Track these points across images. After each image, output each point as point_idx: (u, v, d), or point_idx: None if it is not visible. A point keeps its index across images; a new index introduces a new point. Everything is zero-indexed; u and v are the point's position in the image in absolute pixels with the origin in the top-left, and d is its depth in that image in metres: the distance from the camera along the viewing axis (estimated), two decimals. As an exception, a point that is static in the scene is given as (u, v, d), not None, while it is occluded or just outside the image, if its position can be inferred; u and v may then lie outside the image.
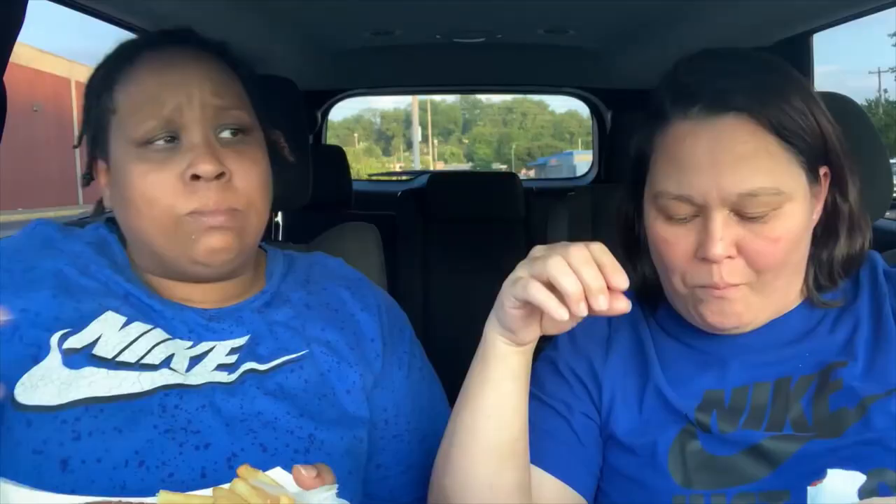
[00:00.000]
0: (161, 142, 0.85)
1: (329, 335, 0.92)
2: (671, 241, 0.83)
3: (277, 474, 0.64)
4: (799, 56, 1.94)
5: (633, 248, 0.93)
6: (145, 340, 0.84)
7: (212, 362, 0.85)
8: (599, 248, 0.71)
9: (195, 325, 0.87)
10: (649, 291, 0.92)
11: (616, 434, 0.87)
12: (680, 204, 0.81)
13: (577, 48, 2.43)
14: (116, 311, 0.85)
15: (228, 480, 0.63)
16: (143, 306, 0.87)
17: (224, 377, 0.84)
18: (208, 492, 0.61)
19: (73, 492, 0.74)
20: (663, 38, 2.03)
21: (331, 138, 3.74)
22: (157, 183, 0.84)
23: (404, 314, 1.04)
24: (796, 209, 0.81)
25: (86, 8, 1.46)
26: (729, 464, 0.81)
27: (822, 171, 0.84)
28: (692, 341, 0.89)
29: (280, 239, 1.45)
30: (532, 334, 0.76)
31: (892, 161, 1.15)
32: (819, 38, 1.92)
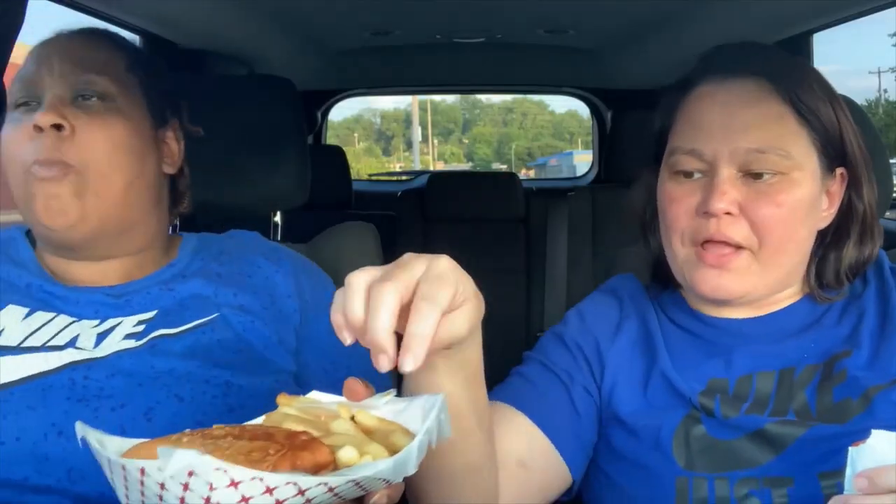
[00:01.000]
0: (23, 100, 0.91)
1: (242, 299, 0.94)
2: (678, 197, 0.85)
3: (318, 395, 0.62)
4: (799, 56, 1.94)
5: (648, 225, 0.95)
6: (50, 327, 0.87)
7: (119, 335, 0.87)
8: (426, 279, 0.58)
9: (100, 305, 0.90)
10: (660, 269, 0.94)
11: (619, 415, 0.87)
12: (690, 158, 0.84)
13: (577, 48, 2.43)
14: (17, 303, 0.88)
15: (148, 434, 0.58)
16: (45, 295, 0.90)
17: (132, 343, 0.86)
18: (260, 419, 0.59)
19: None
20: (663, 38, 2.03)
21: (331, 138, 3.74)
22: (12, 137, 0.89)
23: (326, 275, 1.05)
24: (804, 180, 0.83)
25: (86, 8, 1.46)
26: (732, 448, 0.81)
27: (840, 171, 0.86)
28: (698, 330, 0.90)
29: (279, 239, 1.44)
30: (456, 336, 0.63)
31: (892, 161, 1.15)
32: (819, 38, 1.92)
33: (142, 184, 0.94)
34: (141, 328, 0.88)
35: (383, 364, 0.54)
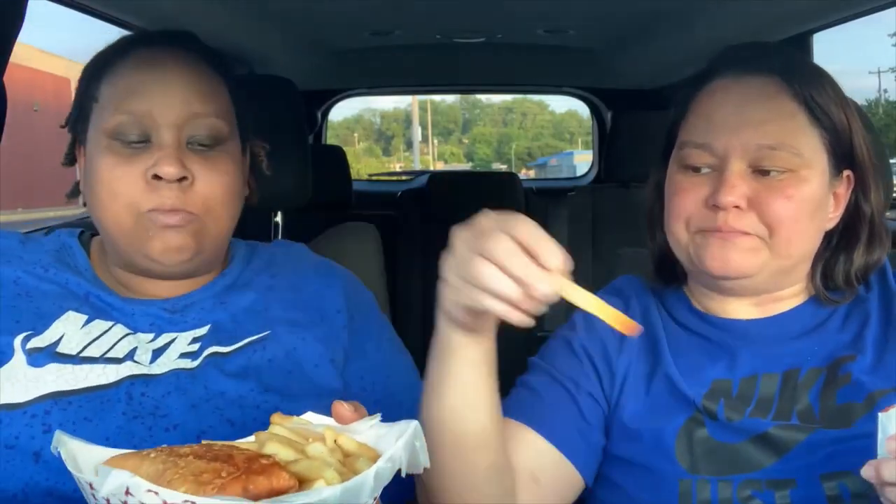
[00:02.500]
0: (133, 137, 0.86)
1: (292, 314, 0.94)
2: (685, 188, 0.85)
3: (311, 417, 0.64)
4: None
5: (655, 224, 0.95)
6: (108, 337, 0.86)
7: (174, 352, 0.87)
8: (525, 230, 0.63)
9: (156, 319, 0.89)
10: (665, 265, 0.94)
11: (623, 418, 0.87)
12: (701, 153, 0.84)
13: (577, 48, 2.43)
14: (77, 310, 0.87)
15: None
16: (104, 305, 0.89)
17: (188, 364, 0.86)
18: (251, 437, 0.61)
19: (47, 481, 0.77)
20: (663, 39, 2.03)
21: (331, 138, 3.73)
22: (122, 178, 0.86)
23: (371, 293, 1.05)
24: (813, 178, 0.83)
25: (86, 8, 1.46)
26: (736, 451, 0.81)
27: (847, 173, 0.86)
28: (702, 330, 0.90)
29: (279, 239, 1.45)
30: (488, 323, 0.71)
31: (892, 161, 1.15)
32: (819, 38, 1.92)
33: (238, 213, 0.95)
34: (196, 347, 0.88)
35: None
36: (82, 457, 0.57)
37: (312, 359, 0.91)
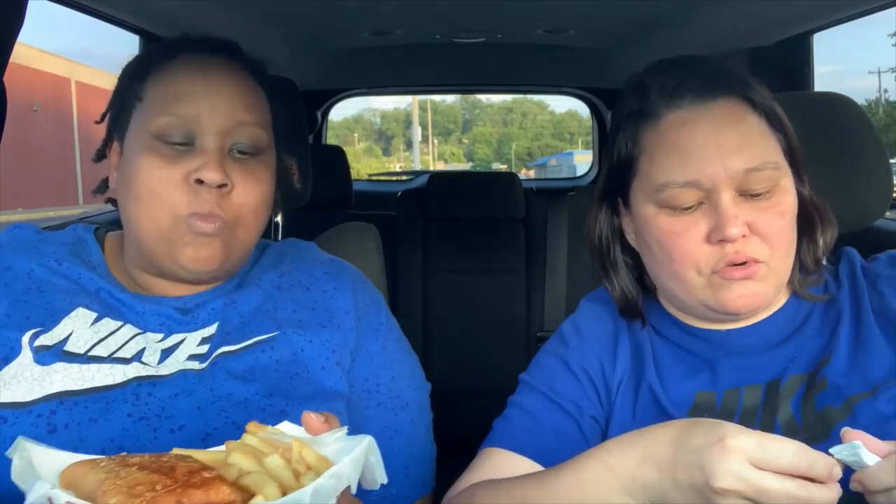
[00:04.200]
0: (177, 139, 0.87)
1: (301, 315, 0.94)
2: (680, 231, 0.83)
3: (286, 427, 0.64)
4: (799, 56, 1.94)
5: (612, 268, 0.94)
6: (116, 337, 0.86)
7: (183, 353, 0.87)
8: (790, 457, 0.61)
9: (167, 319, 0.89)
10: (629, 306, 0.92)
11: (611, 432, 0.87)
12: (687, 191, 0.82)
13: (577, 48, 2.43)
14: (87, 307, 0.88)
15: None
16: (114, 302, 0.89)
17: (196, 365, 0.86)
18: (221, 448, 0.61)
19: None
20: (663, 38, 2.03)
21: (331, 138, 3.74)
22: (164, 179, 0.86)
23: (379, 292, 1.05)
24: (788, 184, 0.84)
25: (86, 8, 1.46)
26: None
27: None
28: (684, 342, 0.90)
29: (280, 239, 1.45)
30: None
31: (892, 161, 1.16)
32: (819, 38, 1.92)
33: (265, 224, 0.95)
34: (205, 349, 0.88)
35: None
36: (47, 464, 0.57)
37: (319, 361, 0.91)
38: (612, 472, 0.69)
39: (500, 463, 0.85)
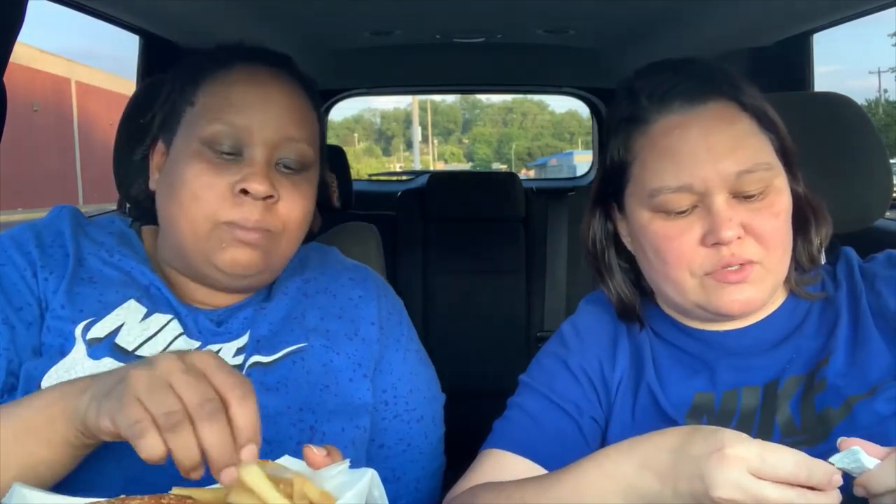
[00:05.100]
0: (226, 148, 0.87)
1: (328, 324, 0.94)
2: (674, 235, 0.83)
3: (287, 461, 0.64)
4: (799, 56, 1.94)
5: (607, 272, 0.94)
6: (164, 335, 0.87)
7: None
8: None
9: (203, 328, 0.90)
10: (626, 309, 0.93)
11: (611, 435, 0.87)
12: (680, 196, 0.82)
13: (577, 48, 2.43)
14: (138, 300, 0.88)
15: None
16: (163, 298, 0.90)
17: None
18: (219, 486, 0.61)
19: (104, 472, 0.76)
20: (663, 38, 2.03)
21: (331, 138, 3.73)
22: (209, 186, 0.86)
23: (400, 300, 1.05)
24: (782, 184, 0.84)
25: (86, 8, 1.46)
26: None
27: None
28: (683, 344, 0.90)
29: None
30: None
31: (892, 161, 1.16)
32: (819, 38, 1.92)
33: (303, 238, 0.96)
34: (240, 359, 0.88)
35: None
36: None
37: (347, 373, 0.92)
38: (611, 478, 0.69)
39: (500, 464, 0.85)
